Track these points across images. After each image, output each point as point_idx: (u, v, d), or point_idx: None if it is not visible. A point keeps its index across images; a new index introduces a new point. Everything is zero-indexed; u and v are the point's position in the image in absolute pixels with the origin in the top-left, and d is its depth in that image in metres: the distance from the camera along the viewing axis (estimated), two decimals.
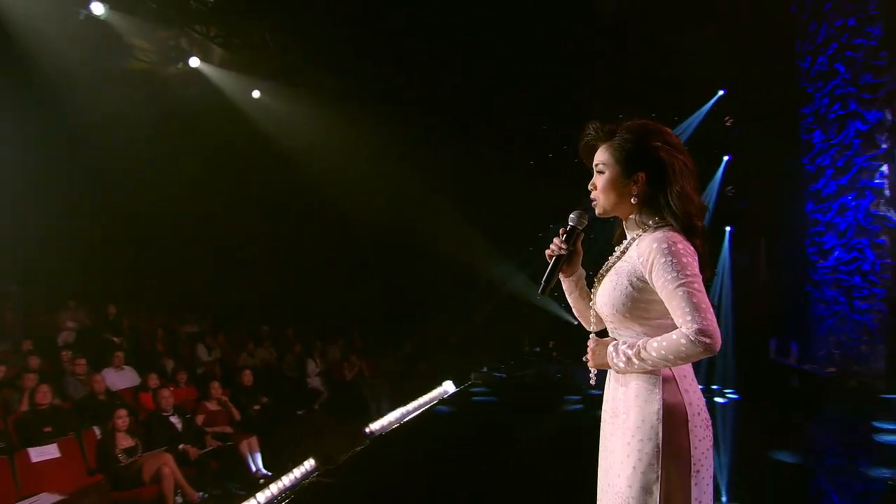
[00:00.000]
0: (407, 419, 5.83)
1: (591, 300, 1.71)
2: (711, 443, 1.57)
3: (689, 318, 1.40)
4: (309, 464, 3.93)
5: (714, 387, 7.59)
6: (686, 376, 1.55)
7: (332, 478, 3.89)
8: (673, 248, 1.46)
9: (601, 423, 1.71)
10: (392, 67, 9.17)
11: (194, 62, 7.26)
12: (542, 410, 6.36)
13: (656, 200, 1.56)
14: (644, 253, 1.49)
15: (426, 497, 3.81)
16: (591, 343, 1.63)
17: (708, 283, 1.57)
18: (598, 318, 1.73)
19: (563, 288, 1.82)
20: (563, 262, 1.70)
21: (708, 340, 1.38)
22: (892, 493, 4.12)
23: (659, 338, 1.46)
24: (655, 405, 1.49)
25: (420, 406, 6.30)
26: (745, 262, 9.74)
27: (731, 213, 10.07)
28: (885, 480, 4.30)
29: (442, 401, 6.75)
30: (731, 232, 10.07)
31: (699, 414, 1.53)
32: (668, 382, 1.51)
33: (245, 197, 9.46)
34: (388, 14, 8.47)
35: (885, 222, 7.35)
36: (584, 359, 1.66)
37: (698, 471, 1.49)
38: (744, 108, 9.65)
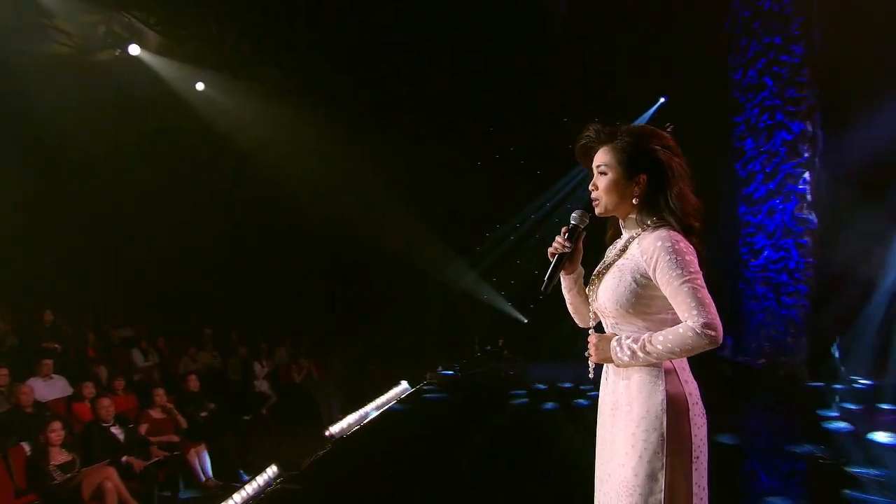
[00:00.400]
0: (366, 421, 5.73)
1: (589, 297, 1.77)
2: (707, 430, 1.64)
3: (694, 312, 1.47)
4: (272, 470, 3.78)
5: None
6: (685, 368, 1.63)
7: (298, 484, 3.75)
8: (676, 247, 1.53)
9: (598, 416, 1.76)
10: (343, 62, 9.00)
11: (134, 49, 6.80)
12: (495, 408, 6.43)
13: (656, 201, 1.63)
14: (648, 251, 1.56)
15: (391, 499, 3.78)
16: (592, 338, 1.67)
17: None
18: (595, 314, 1.79)
19: (563, 285, 1.84)
20: (565, 260, 1.73)
21: (713, 333, 1.47)
22: (820, 469, 4.48)
23: (664, 332, 1.53)
24: (659, 396, 1.55)
25: (378, 407, 6.21)
26: None
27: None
28: (817, 458, 4.64)
29: (399, 401, 6.68)
30: None
31: (697, 403, 1.62)
32: (669, 374, 1.58)
33: (184, 192, 8.96)
34: (339, 7, 8.32)
35: (808, 224, 7.97)
36: (586, 354, 1.69)
37: (697, 457, 1.57)
38: (683, 115, 10.15)
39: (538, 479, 3.99)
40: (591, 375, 1.80)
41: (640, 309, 1.59)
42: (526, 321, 10.91)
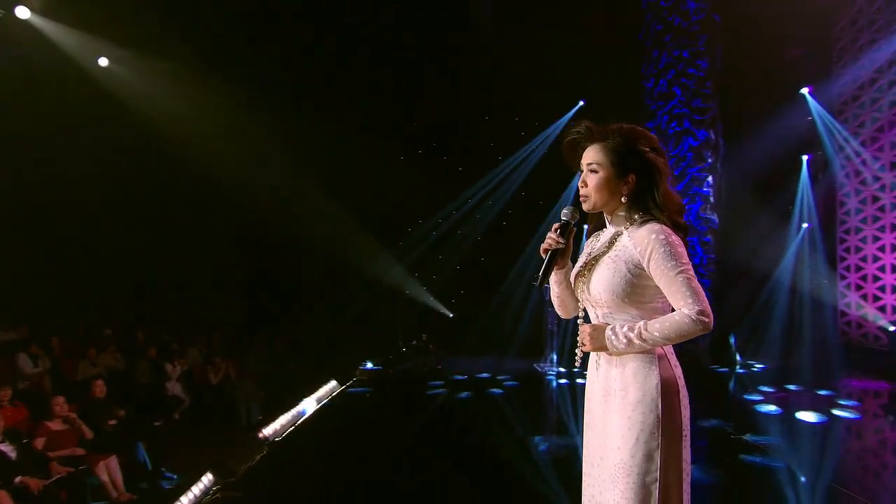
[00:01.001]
0: (300, 421, 5.47)
1: (577, 289, 1.82)
2: (689, 410, 1.76)
3: (690, 301, 1.58)
4: (207, 479, 3.48)
5: (576, 368, 8.30)
6: (672, 354, 1.74)
7: (236, 490, 3.49)
8: (669, 239, 1.64)
9: (587, 404, 1.83)
10: (263, 43, 8.54)
11: (23, 12, 5.95)
12: (423, 402, 6.43)
13: (644, 199, 1.73)
14: (641, 243, 1.65)
15: (332, 499, 3.66)
16: (586, 328, 1.74)
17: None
18: (575, 304, 1.89)
19: (553, 279, 1.89)
20: (558, 256, 1.78)
21: (707, 320, 1.58)
22: (725, 439, 4.93)
23: (659, 319, 1.63)
24: (654, 381, 1.64)
25: (308, 407, 5.95)
26: None
27: (587, 213, 11.12)
28: (728, 433, 5.13)
29: (330, 399, 6.46)
30: (587, 229, 11.11)
31: (684, 386, 1.73)
32: (661, 360, 1.68)
33: (81, 177, 8.05)
34: None
35: (711, 224, 8.71)
36: (579, 343, 1.76)
37: (686, 435, 1.69)
38: (602, 117, 10.68)
39: (464, 469, 4.09)
40: (577, 365, 1.87)
41: (634, 298, 1.67)
42: (451, 315, 10.99)
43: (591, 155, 1.72)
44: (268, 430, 4.91)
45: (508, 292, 10.99)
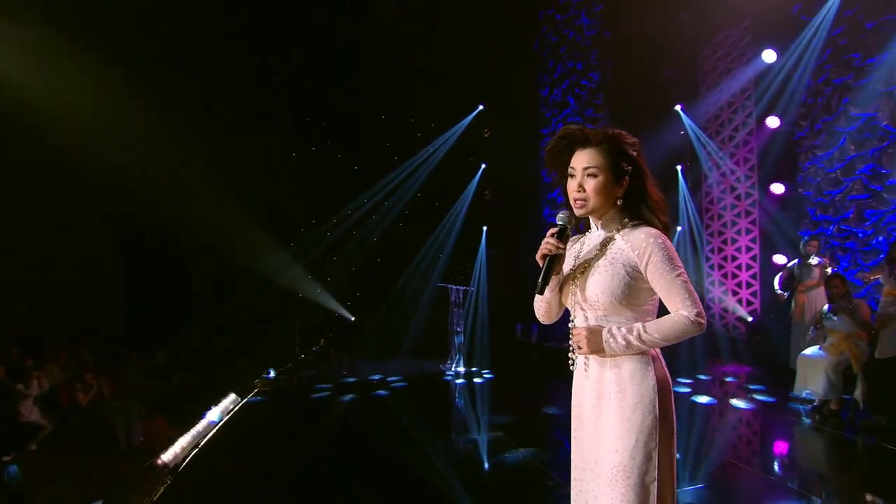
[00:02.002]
0: (202, 442, 4.86)
1: (566, 293, 1.84)
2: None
3: (688, 303, 1.66)
4: None
5: (473, 368, 8.45)
6: (661, 355, 1.80)
7: None
8: (665, 243, 1.71)
9: (576, 409, 1.85)
10: (153, 21, 7.59)
11: None
12: (329, 409, 6.13)
13: (635, 200, 1.79)
14: (639, 246, 1.70)
15: None
16: (582, 331, 1.74)
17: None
18: (559, 309, 1.94)
19: (537, 289, 1.87)
20: (556, 261, 1.78)
21: (703, 321, 1.68)
22: None
23: (656, 321, 1.70)
24: (650, 382, 1.70)
25: (208, 426, 5.32)
26: (498, 258, 11.14)
27: (486, 214, 11.43)
28: None
29: (230, 414, 5.85)
30: (486, 231, 11.39)
31: (671, 385, 1.80)
32: (655, 361, 1.75)
33: None
34: None
35: None
36: (576, 346, 1.77)
37: (674, 432, 1.75)
38: (499, 123, 11.04)
39: (371, 477, 4.01)
40: (573, 368, 1.86)
41: (631, 301, 1.72)
42: (353, 319, 10.62)
43: (589, 158, 1.74)
44: (166, 456, 4.30)
45: (408, 294, 10.91)
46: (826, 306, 5.32)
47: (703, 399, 6.05)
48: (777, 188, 8.15)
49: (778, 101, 7.98)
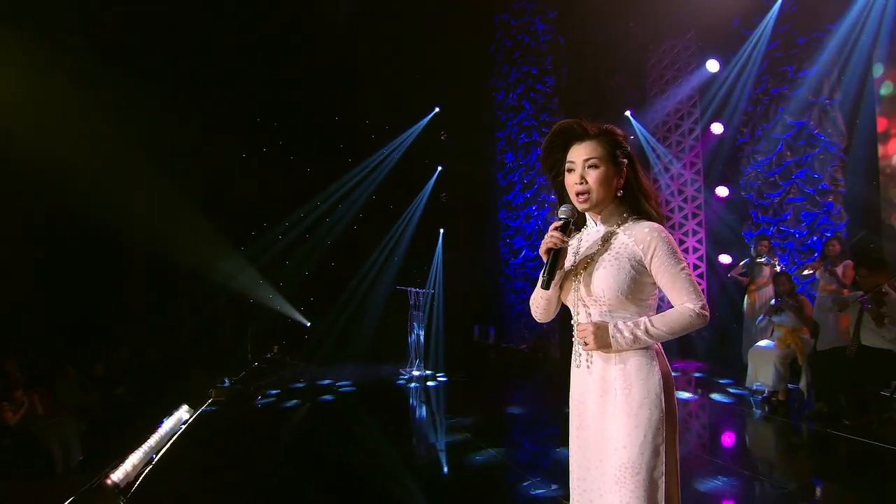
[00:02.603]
0: (155, 459, 4.59)
1: (568, 288, 1.83)
2: None
3: (693, 296, 1.68)
4: None
5: (432, 371, 8.43)
6: (663, 350, 1.81)
7: None
8: (668, 237, 1.73)
9: (577, 406, 1.83)
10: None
11: None
12: (285, 418, 5.95)
13: (632, 191, 1.81)
14: (644, 240, 1.71)
15: None
16: (588, 327, 1.72)
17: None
18: (558, 305, 1.92)
19: (542, 284, 1.85)
20: (561, 254, 1.77)
21: (708, 314, 1.70)
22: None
23: (663, 315, 1.70)
24: (656, 376, 1.70)
25: (160, 441, 5.03)
26: (454, 260, 11.16)
27: (443, 217, 11.43)
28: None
29: (184, 426, 5.56)
30: (443, 233, 11.39)
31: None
32: (659, 356, 1.76)
33: None
34: None
35: None
36: (581, 342, 1.75)
37: (677, 426, 1.76)
38: (455, 126, 11.08)
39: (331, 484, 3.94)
40: (583, 365, 1.80)
41: (636, 295, 1.72)
42: (308, 324, 10.35)
43: (589, 150, 1.75)
44: (117, 476, 4.03)
45: (365, 298, 10.76)
46: (773, 301, 5.65)
47: None
48: (722, 191, 8.58)
49: (724, 108, 8.40)
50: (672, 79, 9.54)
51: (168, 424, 5.45)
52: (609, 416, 1.71)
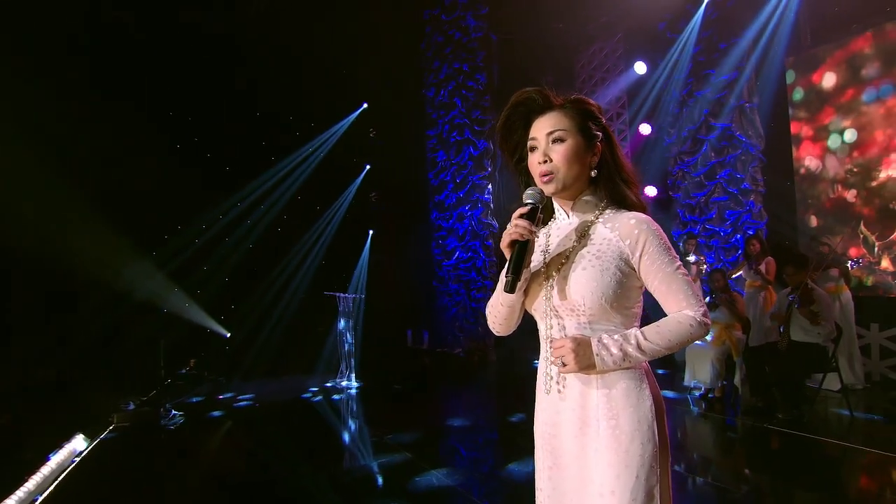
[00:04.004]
0: (41, 499, 3.87)
1: (536, 295, 1.48)
2: None
3: (692, 301, 1.38)
4: None
5: (364, 381, 8.01)
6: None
7: None
8: (659, 231, 1.42)
9: (548, 440, 1.48)
10: None
11: None
12: (202, 440, 5.35)
13: (609, 175, 1.48)
14: (629, 234, 1.40)
15: None
16: (567, 343, 1.37)
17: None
18: (520, 315, 1.56)
19: (501, 286, 1.51)
20: (528, 249, 1.41)
21: (709, 322, 1.40)
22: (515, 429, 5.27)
23: (657, 325, 1.38)
24: (647, 402, 1.39)
25: (46, 479, 4.29)
26: (384, 262, 10.72)
27: (372, 218, 10.97)
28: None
29: (78, 459, 4.81)
30: (372, 234, 10.93)
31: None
32: (648, 375, 1.45)
33: None
34: None
35: (491, 228, 9.38)
36: (559, 362, 1.39)
37: (669, 458, 1.46)
38: (384, 123, 10.66)
39: None
40: (554, 390, 1.46)
41: (622, 303, 1.40)
42: (228, 335, 9.54)
43: (553, 121, 1.44)
44: None
45: (291, 305, 10.09)
46: (707, 298, 5.72)
47: None
48: (651, 191, 8.76)
49: (652, 110, 8.57)
50: (601, 80, 9.66)
51: (58, 458, 4.69)
52: (591, 454, 1.38)
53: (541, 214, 1.47)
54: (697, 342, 5.58)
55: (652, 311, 1.65)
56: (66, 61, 7.88)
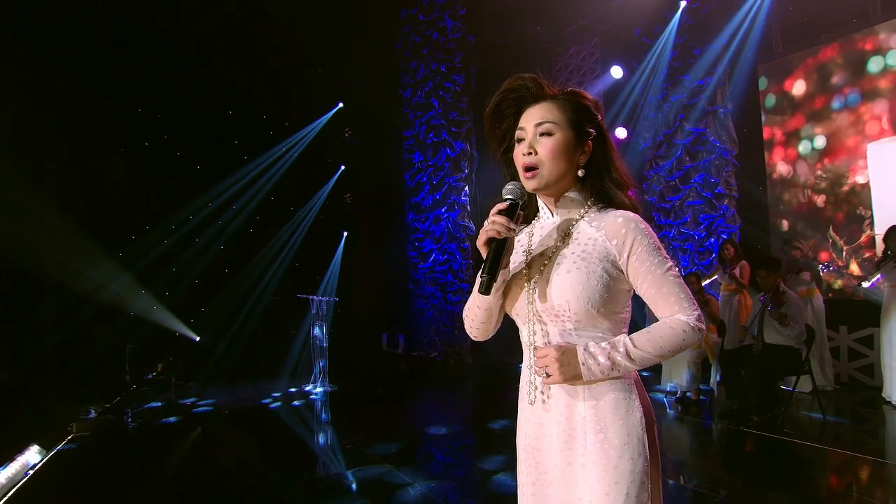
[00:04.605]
0: None
1: (516, 297, 1.40)
2: None
3: (685, 304, 1.30)
4: None
5: (338, 386, 7.85)
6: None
7: None
8: (648, 230, 1.34)
9: (532, 455, 1.39)
10: None
11: None
12: (169, 447, 5.14)
13: (598, 175, 1.40)
14: (616, 233, 1.31)
15: None
16: (550, 352, 1.29)
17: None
18: (498, 320, 1.47)
19: (480, 287, 1.41)
20: (506, 247, 1.32)
21: (704, 328, 1.32)
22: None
23: (647, 331, 1.30)
24: (637, 413, 1.32)
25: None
26: (359, 265, 10.55)
27: (347, 219, 10.79)
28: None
29: (33, 472, 4.54)
30: (346, 236, 10.75)
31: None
32: (638, 385, 1.37)
33: None
34: None
35: (468, 231, 9.31)
36: (542, 373, 1.31)
37: (660, 471, 1.40)
38: (359, 123, 10.51)
39: None
40: (538, 401, 1.38)
41: (609, 307, 1.32)
42: (197, 338, 9.25)
43: (543, 112, 1.35)
44: None
45: (263, 308, 9.84)
46: None
47: None
48: None
49: (628, 114, 8.63)
50: (578, 83, 9.67)
51: (8, 472, 4.42)
52: (578, 470, 1.30)
53: (521, 212, 1.38)
54: None
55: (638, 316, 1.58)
56: (30, 56, 7.56)
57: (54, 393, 6.85)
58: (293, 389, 7.75)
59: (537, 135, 1.34)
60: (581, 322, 1.31)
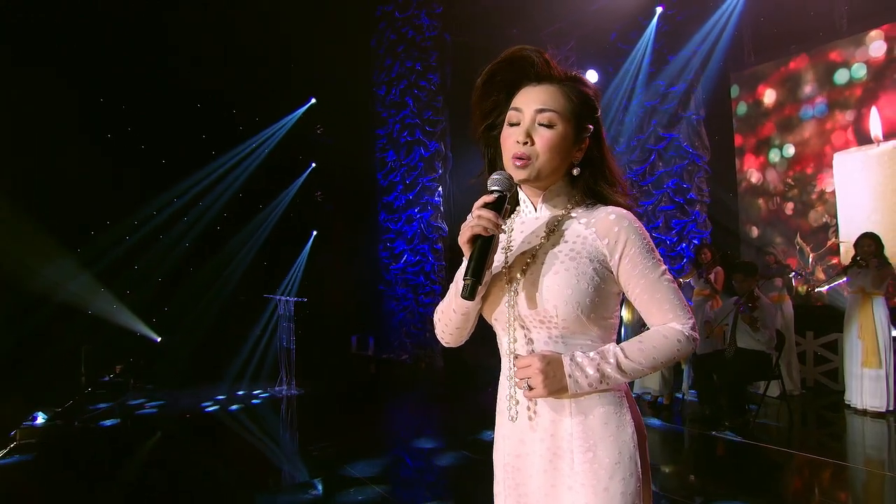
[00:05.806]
0: None
1: (497, 301, 1.26)
2: None
3: (680, 312, 1.19)
4: None
5: (308, 389, 7.64)
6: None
7: None
8: (642, 229, 1.22)
9: (512, 475, 1.27)
10: None
11: None
12: (127, 455, 4.88)
13: (592, 174, 1.27)
14: (608, 231, 1.19)
15: None
16: (533, 363, 1.15)
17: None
18: (476, 320, 1.33)
19: (453, 291, 1.31)
20: (491, 245, 1.17)
21: (698, 337, 1.22)
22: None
23: (639, 340, 1.19)
24: (629, 429, 1.20)
25: None
26: (328, 264, 10.32)
27: (316, 217, 10.55)
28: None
29: None
30: (316, 235, 10.51)
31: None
32: (628, 398, 1.25)
33: None
34: None
35: (441, 232, 9.19)
36: (524, 385, 1.17)
37: (651, 494, 1.29)
38: (332, 120, 10.29)
39: None
40: (521, 416, 1.24)
41: (599, 312, 1.20)
42: (159, 339, 8.89)
43: (547, 98, 1.20)
44: None
45: (228, 308, 9.53)
46: None
47: None
48: None
49: (605, 119, 8.63)
50: None
51: None
52: (564, 493, 1.18)
53: (508, 205, 1.23)
54: None
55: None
56: None
57: (2, 397, 6.45)
58: (258, 391, 7.50)
59: (536, 123, 1.20)
60: (569, 328, 1.19)
